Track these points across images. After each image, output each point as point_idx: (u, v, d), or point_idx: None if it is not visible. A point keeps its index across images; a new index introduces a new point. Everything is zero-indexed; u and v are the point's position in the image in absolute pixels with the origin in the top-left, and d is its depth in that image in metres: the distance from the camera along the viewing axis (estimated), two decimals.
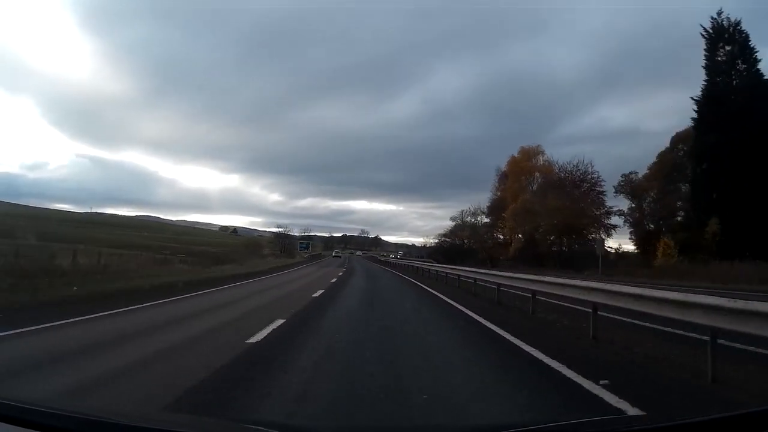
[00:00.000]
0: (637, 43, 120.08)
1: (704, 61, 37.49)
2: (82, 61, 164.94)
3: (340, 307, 11.90)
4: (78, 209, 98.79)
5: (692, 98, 37.96)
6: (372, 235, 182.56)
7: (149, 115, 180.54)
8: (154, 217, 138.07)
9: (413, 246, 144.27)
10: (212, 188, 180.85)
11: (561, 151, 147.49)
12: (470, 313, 10.73)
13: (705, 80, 37.41)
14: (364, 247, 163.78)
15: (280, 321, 8.50)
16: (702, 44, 37.61)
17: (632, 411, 3.80)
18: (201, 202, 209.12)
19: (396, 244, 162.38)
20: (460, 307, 12.02)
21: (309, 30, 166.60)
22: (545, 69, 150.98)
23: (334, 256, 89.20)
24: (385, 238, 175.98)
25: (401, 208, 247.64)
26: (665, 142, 47.68)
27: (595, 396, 4.29)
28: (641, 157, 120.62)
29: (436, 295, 16.15)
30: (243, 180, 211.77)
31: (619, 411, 3.80)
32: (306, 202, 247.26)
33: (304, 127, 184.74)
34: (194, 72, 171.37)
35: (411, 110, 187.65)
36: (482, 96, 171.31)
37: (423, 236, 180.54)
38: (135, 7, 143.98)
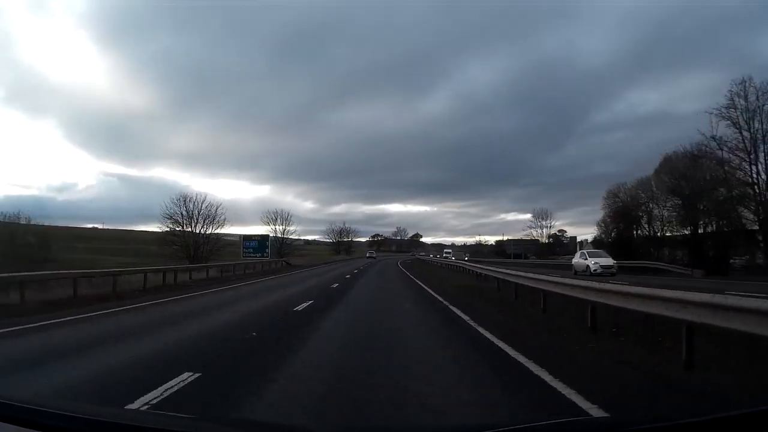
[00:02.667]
0: (669, 24, 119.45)
1: None
2: (102, 78, 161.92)
3: None
4: (110, 227, 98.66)
5: None
6: (410, 235, 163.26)
7: (177, 129, 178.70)
8: (188, 231, 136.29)
9: (452, 245, 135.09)
10: (245, 199, 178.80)
11: (596, 139, 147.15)
12: None
13: None
14: (401, 248, 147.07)
15: None
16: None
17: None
18: (235, 215, 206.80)
19: (432, 244, 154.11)
20: None
21: (337, 30, 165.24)
22: (578, 56, 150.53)
23: (368, 257, 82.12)
24: (419, 239, 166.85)
25: (435, 209, 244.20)
26: (699, 124, 38.43)
27: None
28: (677, 141, 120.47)
29: None
30: (275, 189, 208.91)
31: None
32: (340, 208, 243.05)
33: (335, 131, 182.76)
34: (221, 81, 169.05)
35: (444, 106, 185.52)
36: (516, 88, 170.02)
37: (462, 235, 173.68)
38: (155, 17, 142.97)
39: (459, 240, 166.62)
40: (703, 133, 33.02)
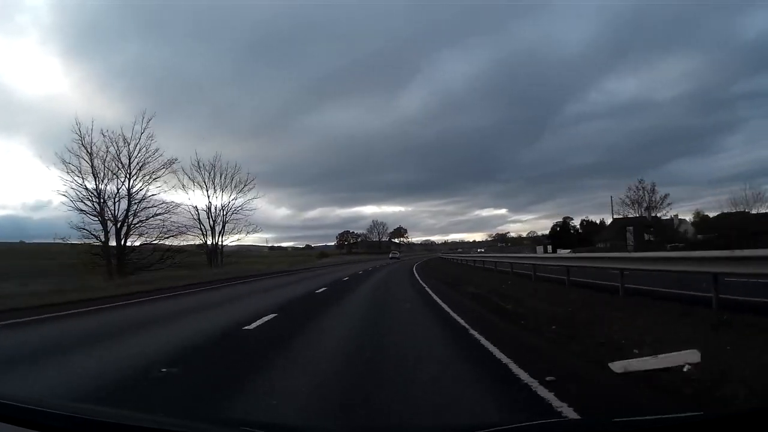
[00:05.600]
0: (647, 8, 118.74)
1: None
2: (72, 92, 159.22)
3: None
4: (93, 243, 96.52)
5: None
6: (390, 230, 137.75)
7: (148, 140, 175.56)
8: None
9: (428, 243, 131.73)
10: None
11: (574, 130, 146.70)
12: None
13: None
14: (380, 248, 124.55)
15: None
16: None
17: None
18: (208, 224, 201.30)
19: (409, 244, 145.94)
20: None
21: (307, 31, 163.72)
22: (555, 46, 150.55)
23: (391, 258, 76.22)
24: (397, 239, 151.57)
25: (411, 209, 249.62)
26: (678, 110, 40.10)
27: None
28: (656, 129, 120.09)
29: None
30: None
31: None
32: (315, 213, 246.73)
33: (309, 135, 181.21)
34: (192, 88, 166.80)
35: (420, 105, 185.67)
36: (492, 82, 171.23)
37: (438, 233, 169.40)
38: (122, 26, 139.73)
39: (436, 238, 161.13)
40: None
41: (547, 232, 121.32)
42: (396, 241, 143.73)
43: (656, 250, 26.76)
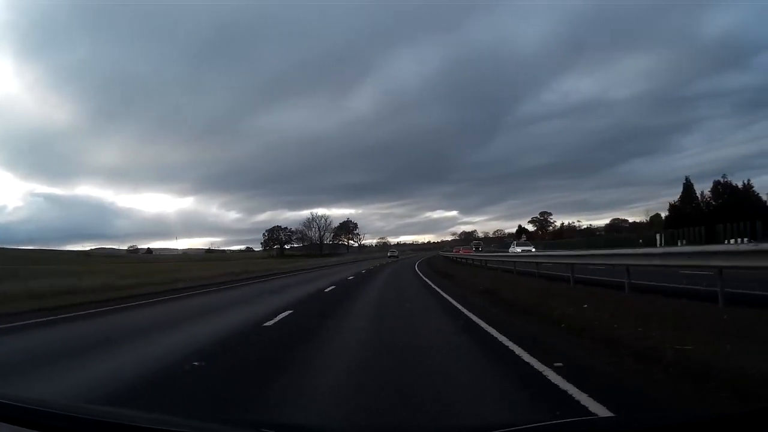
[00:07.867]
0: (604, 6, 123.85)
1: None
2: (20, 94, 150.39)
3: None
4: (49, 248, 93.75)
5: None
6: (335, 225, 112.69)
7: (100, 143, 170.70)
8: (109, 248, 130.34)
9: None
10: (169, 212, 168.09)
11: (527, 130, 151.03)
12: None
13: None
14: (322, 251, 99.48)
15: None
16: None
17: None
18: (161, 229, 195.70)
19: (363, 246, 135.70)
20: None
21: (256, 32, 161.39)
22: (508, 44, 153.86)
23: (390, 256, 74.00)
24: (345, 240, 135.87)
25: (361, 211, 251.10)
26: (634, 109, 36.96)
27: None
28: (612, 128, 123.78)
29: None
30: (200, 201, 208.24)
31: None
32: (265, 216, 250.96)
33: (259, 138, 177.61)
34: (141, 91, 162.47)
35: (371, 105, 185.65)
36: (445, 82, 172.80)
37: (390, 236, 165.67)
38: (72, 27, 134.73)
39: (389, 239, 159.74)
40: None
41: (513, 230, 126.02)
42: (345, 242, 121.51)
43: None
